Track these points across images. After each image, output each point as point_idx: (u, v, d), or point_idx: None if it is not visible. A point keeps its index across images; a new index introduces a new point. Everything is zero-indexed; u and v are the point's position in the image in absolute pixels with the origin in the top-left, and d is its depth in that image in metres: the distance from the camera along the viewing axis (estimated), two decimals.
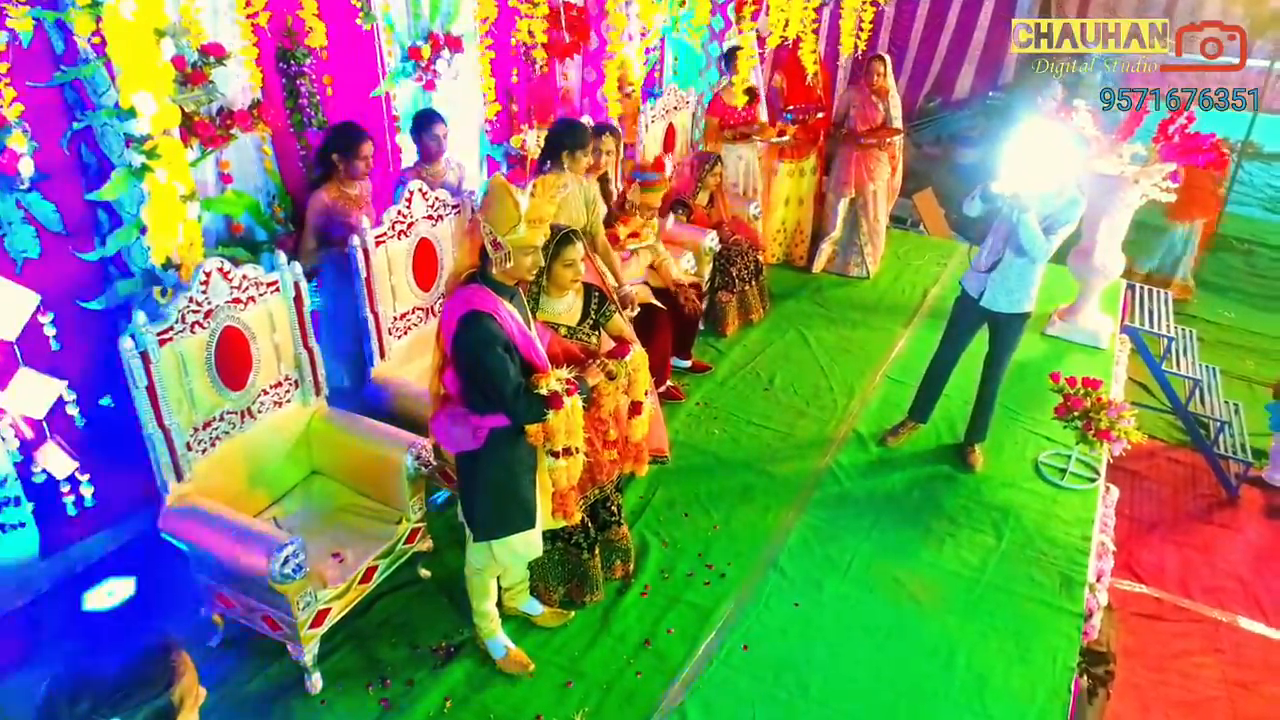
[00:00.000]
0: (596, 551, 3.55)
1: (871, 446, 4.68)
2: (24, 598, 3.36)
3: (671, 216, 4.99)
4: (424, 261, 3.99)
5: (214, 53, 3.26)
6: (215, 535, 2.98)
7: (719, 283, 5.59)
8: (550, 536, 3.43)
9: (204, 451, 3.16)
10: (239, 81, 3.52)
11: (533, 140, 4.70)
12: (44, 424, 3.15)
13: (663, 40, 6.22)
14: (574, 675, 3.32)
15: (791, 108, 5.98)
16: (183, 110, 3.20)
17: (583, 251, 3.07)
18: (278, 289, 3.28)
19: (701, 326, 5.69)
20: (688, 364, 5.27)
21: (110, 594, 3.41)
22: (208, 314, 3.04)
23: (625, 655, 3.41)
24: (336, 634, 3.38)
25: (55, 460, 3.15)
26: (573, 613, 3.55)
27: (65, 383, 3.15)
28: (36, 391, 3.06)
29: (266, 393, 3.36)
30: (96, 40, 2.80)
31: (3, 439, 3.06)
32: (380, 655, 3.37)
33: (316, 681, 3.19)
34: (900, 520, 4.16)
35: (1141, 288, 6.60)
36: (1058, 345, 5.73)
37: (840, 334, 5.78)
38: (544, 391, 2.71)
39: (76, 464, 3.18)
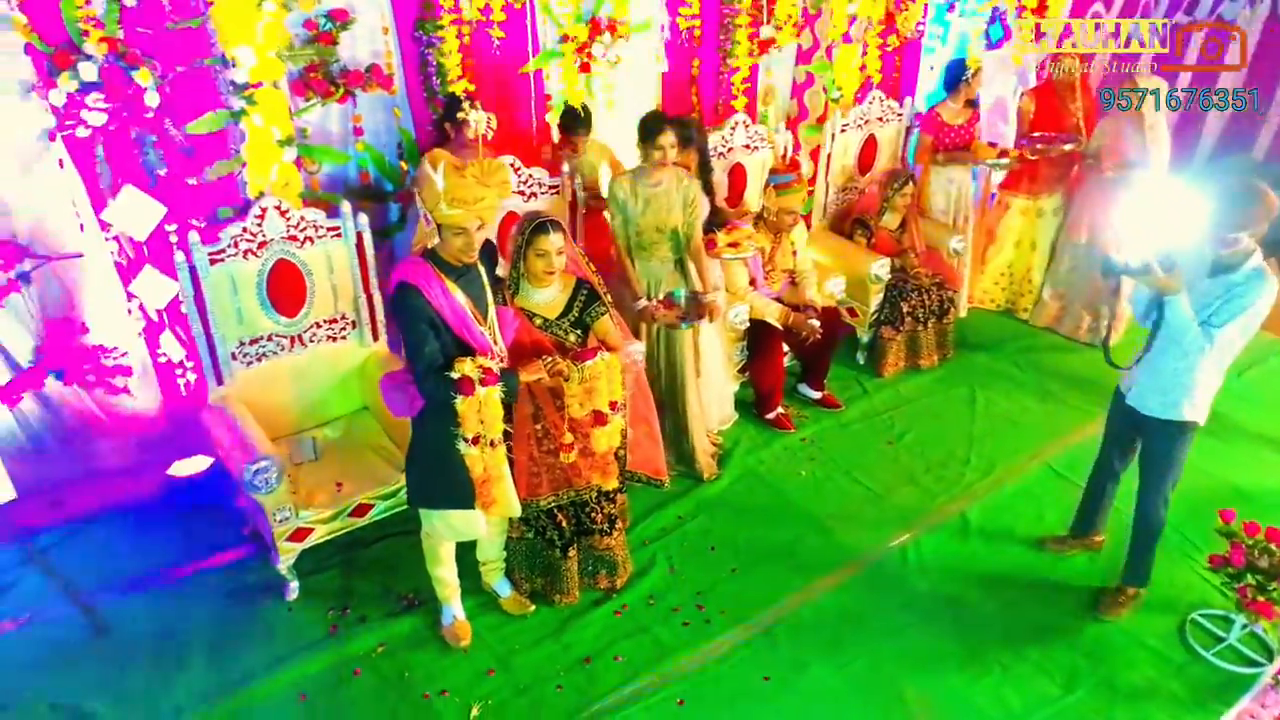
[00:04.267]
0: (572, 554, 3.45)
1: (973, 538, 3.93)
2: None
3: (799, 233, 4.56)
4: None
5: (338, 18, 3.63)
6: (225, 436, 3.39)
7: (884, 316, 5.01)
8: (524, 522, 3.40)
9: (249, 364, 3.59)
10: (370, 45, 3.88)
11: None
12: (163, 315, 3.77)
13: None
14: (500, 666, 3.28)
15: (1033, 134, 5.09)
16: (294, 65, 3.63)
17: (559, 244, 2.95)
18: (339, 234, 3.60)
19: (862, 360, 5.18)
20: (817, 396, 4.82)
21: (194, 465, 4.05)
22: (261, 245, 3.44)
23: (559, 666, 3.29)
24: (334, 556, 3.68)
25: (152, 284, 3.48)
26: (535, 606, 3.50)
27: (165, 209, 3.44)
28: (140, 211, 3.38)
29: (320, 326, 3.72)
30: None
31: (129, 314, 3.72)
32: (356, 587, 3.61)
33: (293, 589, 3.52)
34: (948, 630, 3.46)
35: None
36: None
37: (1020, 403, 4.86)
38: (454, 375, 2.69)
39: (178, 285, 3.45)
